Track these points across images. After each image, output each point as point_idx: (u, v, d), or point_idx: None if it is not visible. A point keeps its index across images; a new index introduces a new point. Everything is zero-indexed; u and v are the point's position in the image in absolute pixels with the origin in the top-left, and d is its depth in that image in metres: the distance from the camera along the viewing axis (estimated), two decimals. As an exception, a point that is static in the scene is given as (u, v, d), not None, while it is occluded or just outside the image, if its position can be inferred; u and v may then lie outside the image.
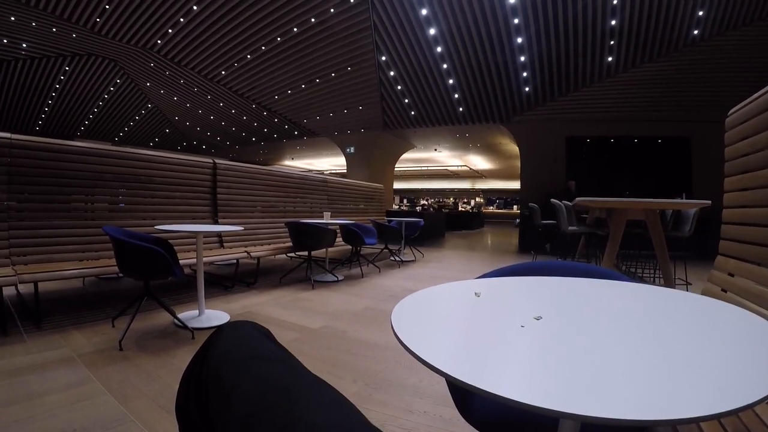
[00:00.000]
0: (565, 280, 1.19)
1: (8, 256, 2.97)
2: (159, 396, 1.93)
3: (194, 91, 16.37)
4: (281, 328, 3.11)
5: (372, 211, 8.95)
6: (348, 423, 0.48)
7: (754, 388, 0.49)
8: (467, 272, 6.12)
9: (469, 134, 16.66)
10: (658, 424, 0.43)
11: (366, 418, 0.50)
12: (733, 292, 1.61)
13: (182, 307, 3.50)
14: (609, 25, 9.35)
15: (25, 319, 2.97)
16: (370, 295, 4.31)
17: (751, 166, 1.63)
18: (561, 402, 0.46)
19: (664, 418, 0.44)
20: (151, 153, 4.18)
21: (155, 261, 2.64)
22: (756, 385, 0.50)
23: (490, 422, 1.00)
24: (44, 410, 1.73)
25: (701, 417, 0.44)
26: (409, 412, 1.88)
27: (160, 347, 2.59)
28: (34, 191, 3.23)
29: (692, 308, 0.90)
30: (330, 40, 11.87)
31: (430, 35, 10.93)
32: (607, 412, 0.44)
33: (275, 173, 5.98)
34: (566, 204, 5.18)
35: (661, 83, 10.22)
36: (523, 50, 10.61)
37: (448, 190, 34.02)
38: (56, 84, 16.15)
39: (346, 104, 15.27)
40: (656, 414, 0.44)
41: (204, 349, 0.69)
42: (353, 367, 2.40)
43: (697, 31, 8.96)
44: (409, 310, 0.84)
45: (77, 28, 12.23)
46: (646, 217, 3.99)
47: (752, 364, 0.59)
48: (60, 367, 2.20)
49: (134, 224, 3.88)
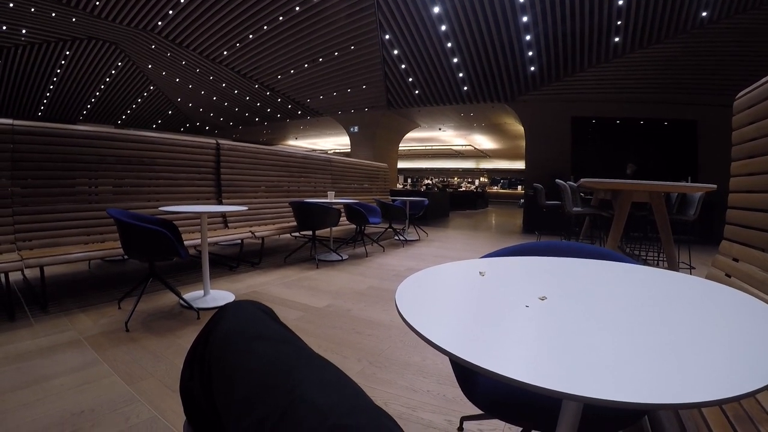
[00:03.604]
0: (569, 260, 1.19)
1: (14, 242, 2.98)
2: (166, 376, 1.95)
3: (196, 72, 16.25)
4: (286, 307, 3.13)
5: (376, 191, 8.94)
6: (351, 403, 0.48)
7: (757, 376, 0.49)
8: (471, 252, 6.13)
9: (473, 113, 16.52)
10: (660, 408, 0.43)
11: (369, 398, 0.50)
12: (737, 277, 1.60)
13: (187, 287, 3.53)
14: (616, 5, 9.15)
15: (32, 304, 3.00)
16: (374, 275, 4.33)
17: (759, 151, 1.61)
18: (564, 383, 0.46)
19: (666, 402, 0.44)
20: (154, 135, 4.16)
21: (160, 242, 2.65)
22: (759, 372, 0.50)
23: (492, 402, 1.01)
24: (52, 393, 1.76)
25: (703, 402, 0.44)
26: (413, 390, 1.90)
27: (166, 328, 2.61)
28: (38, 176, 3.23)
29: (696, 293, 0.90)
30: (333, 18, 11.70)
31: (435, 13, 10.75)
32: (610, 394, 0.44)
33: (279, 153, 5.95)
34: (571, 185, 5.14)
35: (669, 65, 10.04)
36: (528, 29, 10.42)
37: (453, 169, 33.88)
38: (57, 69, 16.08)
39: (350, 83, 15.13)
40: (658, 398, 0.44)
41: (207, 330, 0.70)
42: (357, 346, 2.43)
43: (706, 12, 8.75)
44: (413, 290, 0.84)
45: (77, 12, 12.12)
46: (651, 200, 3.96)
47: (755, 351, 0.58)
48: (67, 349, 2.23)
49: (138, 206, 3.89)
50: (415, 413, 1.71)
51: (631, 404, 0.43)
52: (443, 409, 1.75)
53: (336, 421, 0.44)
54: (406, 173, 33.16)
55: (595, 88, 11.34)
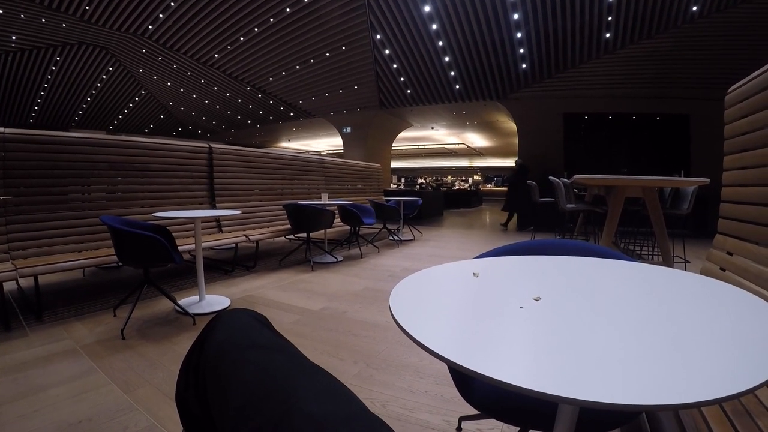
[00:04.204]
0: (563, 259, 1.19)
1: (7, 251, 2.95)
2: (163, 383, 1.94)
3: (188, 75, 16.20)
4: (281, 310, 3.12)
5: (370, 191, 8.93)
6: (346, 412, 0.48)
7: (756, 372, 0.49)
8: (466, 251, 6.13)
9: (466, 112, 16.57)
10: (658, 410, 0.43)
11: (364, 405, 0.50)
12: (731, 270, 1.61)
13: (183, 293, 3.52)
14: (607, 1, 9.20)
15: (27, 313, 2.97)
16: (369, 276, 4.33)
17: (751, 145, 1.62)
18: (560, 386, 0.46)
19: (665, 403, 0.44)
20: (146, 140, 4.13)
21: (154, 248, 2.64)
22: (757, 368, 0.50)
23: (490, 404, 1.01)
24: (49, 404, 1.74)
25: (702, 402, 0.44)
26: (411, 392, 1.90)
27: (162, 334, 2.60)
28: (30, 184, 3.19)
29: (692, 289, 0.90)
30: (324, 19, 11.69)
31: (425, 12, 10.76)
32: (607, 396, 0.44)
33: (271, 155, 5.94)
34: (564, 181, 5.16)
35: (660, 60, 10.10)
36: (519, 26, 10.46)
37: (446, 168, 33.94)
38: (48, 75, 15.97)
39: (342, 84, 15.13)
40: (656, 399, 0.44)
41: (201, 339, 0.69)
42: (354, 348, 2.42)
43: (696, 7, 8.81)
44: (407, 293, 0.84)
45: (66, 18, 12.04)
46: (644, 195, 3.98)
47: (753, 347, 0.58)
48: (63, 359, 2.21)
49: (132, 212, 3.86)
50: (414, 414, 1.71)
51: (629, 406, 0.43)
52: (441, 409, 1.75)
53: (332, 430, 0.43)
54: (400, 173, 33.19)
55: (586, 84, 11.40)
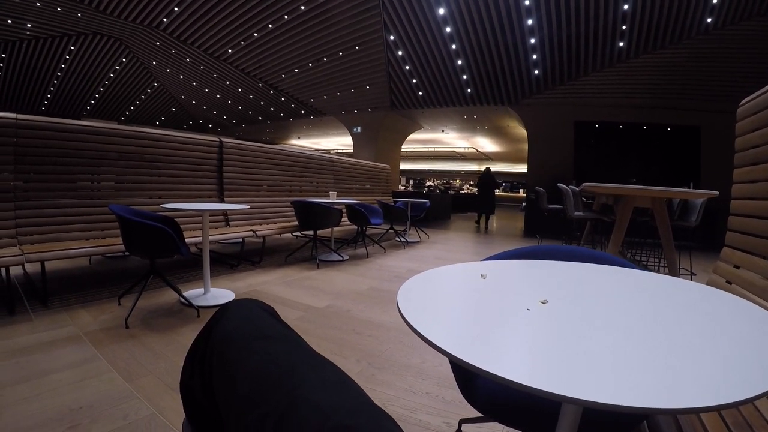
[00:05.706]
0: (571, 264, 1.19)
1: (15, 236, 2.98)
2: (165, 374, 1.95)
3: (200, 69, 16.28)
4: (286, 306, 3.13)
5: (378, 192, 8.94)
6: (352, 404, 0.49)
7: (756, 383, 0.49)
8: (473, 254, 6.12)
9: (476, 116, 16.52)
10: (659, 413, 0.43)
11: (370, 398, 0.51)
12: (738, 284, 1.60)
13: (188, 285, 3.53)
14: (621, 10, 9.16)
15: (32, 298, 3.00)
16: (374, 275, 4.33)
17: (762, 158, 1.61)
18: (564, 386, 0.46)
19: (665, 407, 0.44)
20: (156, 131, 4.16)
21: (161, 239, 2.65)
22: (757, 379, 0.50)
23: (492, 404, 1.01)
24: (51, 388, 1.76)
25: (702, 408, 0.44)
26: (412, 392, 1.90)
27: (166, 325, 2.62)
28: (40, 171, 3.22)
29: (697, 298, 0.90)
30: (338, 18, 11.72)
31: (440, 15, 10.75)
32: (609, 398, 0.44)
33: (281, 152, 5.96)
34: (573, 189, 5.14)
35: (673, 71, 10.05)
36: (533, 32, 10.43)
37: (455, 171, 33.94)
38: (61, 64, 16.11)
39: (354, 83, 15.16)
40: (657, 402, 0.45)
41: (209, 328, 0.70)
42: (357, 347, 2.42)
43: (711, 19, 8.76)
44: (414, 291, 0.84)
45: (82, 7, 12.14)
46: (652, 205, 3.95)
47: (754, 358, 0.58)
48: (66, 345, 2.23)
49: (140, 203, 3.89)
50: (414, 415, 1.71)
51: (631, 408, 0.43)
52: (442, 411, 1.75)
53: (338, 421, 0.44)
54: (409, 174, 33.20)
55: (598, 92, 11.35)
